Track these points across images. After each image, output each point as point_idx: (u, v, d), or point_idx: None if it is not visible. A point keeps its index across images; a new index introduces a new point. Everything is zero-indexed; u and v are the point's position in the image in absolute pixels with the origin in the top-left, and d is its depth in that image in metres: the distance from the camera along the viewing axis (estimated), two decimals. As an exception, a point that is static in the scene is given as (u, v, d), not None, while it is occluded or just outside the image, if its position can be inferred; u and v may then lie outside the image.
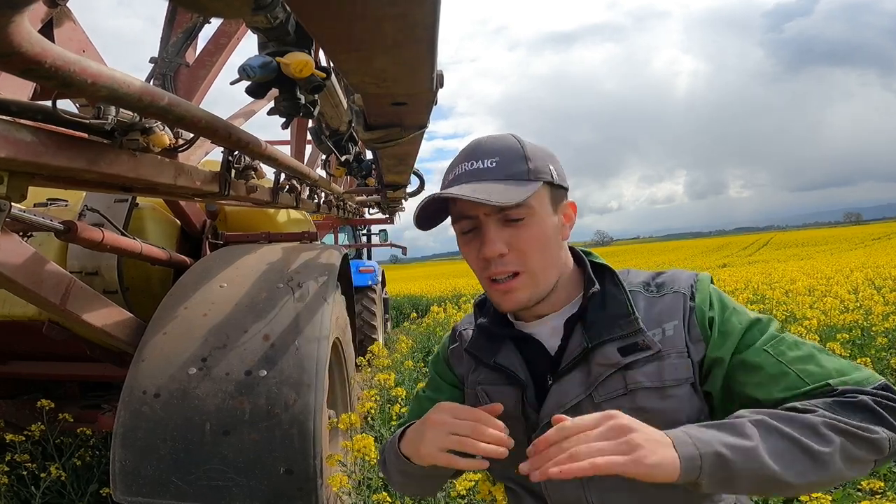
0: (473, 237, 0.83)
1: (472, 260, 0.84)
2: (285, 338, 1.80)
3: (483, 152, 0.82)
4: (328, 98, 1.83)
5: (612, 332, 0.80)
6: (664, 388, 0.77)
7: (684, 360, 0.78)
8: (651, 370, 0.77)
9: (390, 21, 0.68)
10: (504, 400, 0.85)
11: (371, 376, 3.58)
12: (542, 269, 0.81)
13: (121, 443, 1.64)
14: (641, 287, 0.86)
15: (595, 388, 0.79)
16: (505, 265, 0.80)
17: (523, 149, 0.82)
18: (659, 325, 0.80)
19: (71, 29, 1.28)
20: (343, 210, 3.79)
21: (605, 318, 0.81)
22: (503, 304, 0.83)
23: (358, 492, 1.91)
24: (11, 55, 0.58)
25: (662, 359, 0.78)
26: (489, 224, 0.80)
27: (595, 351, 0.80)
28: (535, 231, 0.80)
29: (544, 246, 0.81)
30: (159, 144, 1.17)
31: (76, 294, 1.61)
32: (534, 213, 0.80)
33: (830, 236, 55.76)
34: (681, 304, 0.81)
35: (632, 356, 0.78)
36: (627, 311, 0.81)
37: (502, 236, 0.79)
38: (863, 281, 7.13)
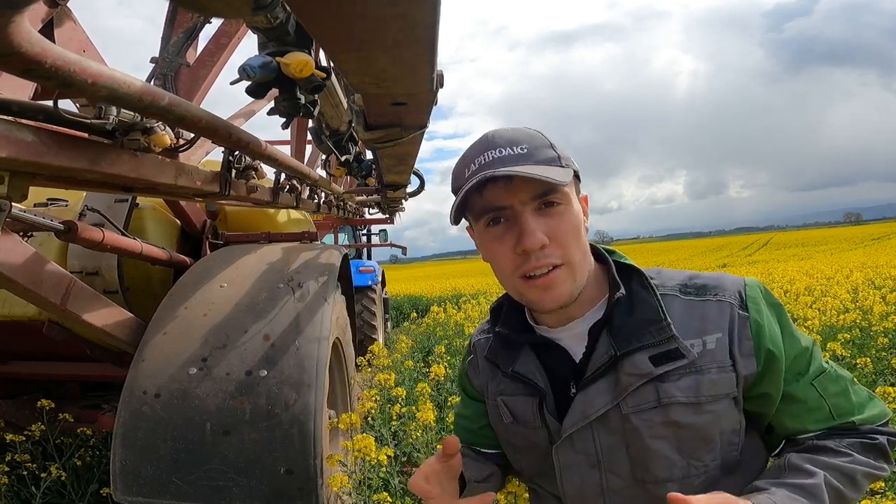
0: (505, 231, 0.76)
1: (505, 256, 0.76)
2: (285, 338, 1.80)
3: (507, 140, 0.75)
4: (328, 98, 1.83)
5: (641, 340, 0.74)
6: (700, 404, 0.71)
7: (727, 374, 0.72)
8: (687, 384, 0.72)
9: (390, 21, 0.68)
10: (524, 410, 0.83)
11: (371, 376, 3.59)
12: (580, 259, 0.76)
13: (121, 443, 1.64)
14: (677, 289, 0.78)
15: (623, 398, 0.74)
16: (547, 257, 0.73)
17: (547, 137, 0.77)
18: (699, 336, 0.73)
19: (71, 29, 1.28)
20: (343, 210, 3.79)
21: (633, 323, 0.75)
22: (544, 301, 0.75)
23: (358, 492, 1.91)
24: (11, 55, 0.58)
25: (701, 372, 0.72)
26: (527, 213, 0.73)
27: (624, 360, 0.74)
28: (572, 219, 0.75)
29: (578, 236, 0.76)
30: (160, 144, 1.17)
31: (76, 294, 1.61)
32: (568, 200, 0.76)
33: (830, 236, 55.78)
34: (727, 314, 0.74)
35: (664, 366, 0.72)
36: (658, 317, 0.74)
37: (541, 226, 0.73)
38: (863, 281, 7.13)
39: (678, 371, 0.72)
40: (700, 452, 0.72)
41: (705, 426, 0.72)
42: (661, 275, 0.82)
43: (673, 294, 0.78)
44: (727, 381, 0.72)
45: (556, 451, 0.79)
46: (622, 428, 0.74)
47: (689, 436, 0.71)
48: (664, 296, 0.77)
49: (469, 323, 5.49)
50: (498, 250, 0.77)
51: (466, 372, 0.99)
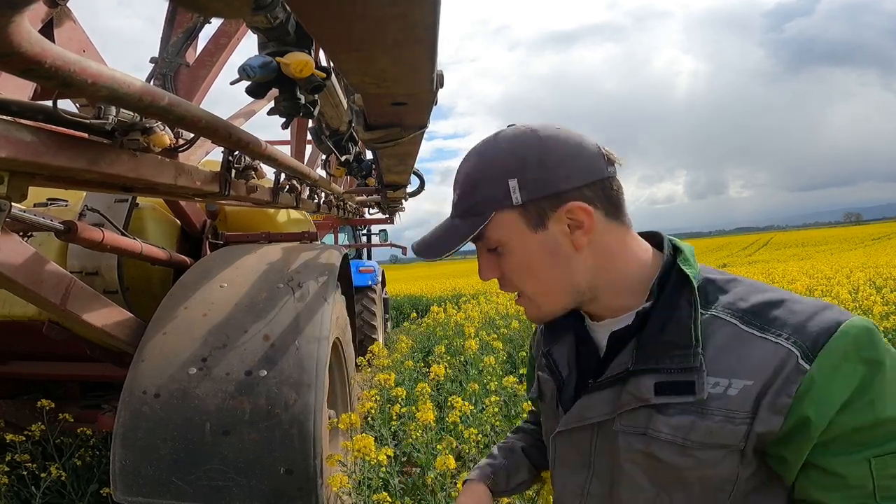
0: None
1: None
2: (285, 338, 1.80)
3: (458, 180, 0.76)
4: (328, 98, 1.83)
5: (660, 361, 0.66)
6: (685, 447, 0.64)
7: (734, 426, 0.62)
8: (679, 423, 0.64)
9: (390, 21, 0.68)
10: (548, 392, 0.84)
11: (371, 376, 3.59)
12: (537, 293, 0.74)
13: (121, 443, 1.64)
14: (738, 316, 0.66)
15: (620, 414, 0.70)
16: (504, 286, 0.77)
17: (478, 174, 0.72)
18: (728, 376, 0.63)
19: (71, 29, 1.28)
20: (343, 210, 3.79)
21: (660, 341, 0.67)
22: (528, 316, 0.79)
23: (358, 492, 1.91)
24: (11, 55, 0.58)
25: (702, 415, 0.63)
26: (480, 252, 0.76)
27: (633, 377, 0.69)
28: (514, 259, 0.73)
29: (531, 270, 0.72)
30: (160, 144, 1.17)
31: (76, 294, 1.61)
32: (504, 242, 0.72)
33: (830, 236, 55.79)
34: (777, 360, 0.61)
35: (664, 397, 0.65)
36: (689, 342, 0.65)
37: (490, 264, 0.75)
38: (864, 281, 7.13)
39: (678, 406, 0.65)
40: (672, 489, 0.67)
41: (684, 469, 0.65)
42: (735, 290, 0.69)
43: (728, 320, 0.66)
44: (730, 434, 0.62)
45: (554, 440, 0.80)
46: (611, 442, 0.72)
47: (665, 471, 0.66)
48: (715, 318, 0.67)
49: (469, 323, 5.49)
50: None
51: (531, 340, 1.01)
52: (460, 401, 2.52)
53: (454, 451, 2.37)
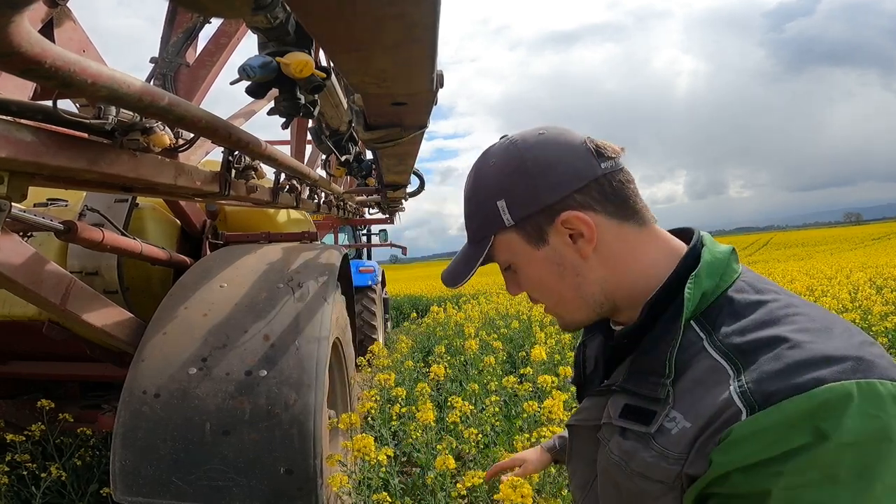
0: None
1: None
2: (285, 338, 1.80)
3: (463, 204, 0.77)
4: (328, 98, 1.83)
5: (636, 385, 0.64)
6: (629, 473, 0.62)
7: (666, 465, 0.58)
8: (628, 448, 0.63)
9: (390, 21, 0.68)
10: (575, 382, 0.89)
11: (371, 376, 3.59)
12: (557, 305, 0.74)
13: (121, 443, 1.64)
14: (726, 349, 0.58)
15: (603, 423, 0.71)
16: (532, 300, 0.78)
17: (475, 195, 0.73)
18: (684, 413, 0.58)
19: (71, 29, 1.28)
20: (343, 210, 3.79)
21: (644, 363, 0.65)
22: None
23: (358, 492, 1.91)
24: (11, 55, 0.58)
25: (645, 447, 0.61)
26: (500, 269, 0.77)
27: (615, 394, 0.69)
28: (525, 276, 0.73)
29: (544, 286, 0.72)
30: (160, 144, 1.18)
31: (76, 294, 1.61)
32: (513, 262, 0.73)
33: (830, 236, 55.75)
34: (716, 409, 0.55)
35: (625, 422, 0.64)
36: (662, 371, 0.61)
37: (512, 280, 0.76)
38: (864, 281, 7.13)
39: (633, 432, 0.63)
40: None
41: (634, 494, 0.63)
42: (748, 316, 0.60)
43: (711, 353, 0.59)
44: (662, 471, 0.58)
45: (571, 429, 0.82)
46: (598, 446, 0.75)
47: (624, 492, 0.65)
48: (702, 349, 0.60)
49: (469, 323, 5.49)
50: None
51: None
52: (460, 401, 2.52)
53: (454, 451, 2.37)
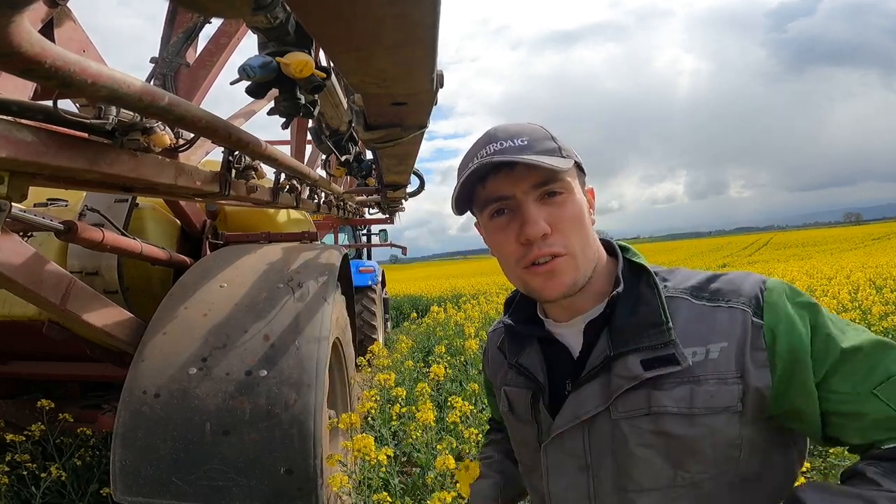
0: (509, 221, 0.76)
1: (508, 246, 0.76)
2: (285, 338, 1.80)
3: (508, 134, 0.76)
4: (328, 98, 1.83)
5: (638, 342, 0.71)
6: (693, 416, 0.67)
7: (728, 386, 0.67)
8: (681, 394, 0.68)
9: (390, 21, 0.68)
10: (520, 403, 0.84)
11: (371, 376, 3.59)
12: (581, 250, 0.75)
13: (121, 443, 1.64)
14: (688, 292, 0.74)
15: (613, 401, 0.72)
16: (549, 246, 0.73)
17: (548, 131, 0.77)
18: (703, 343, 0.69)
19: (71, 29, 1.28)
20: (343, 210, 3.79)
21: (633, 324, 0.73)
22: (547, 290, 0.75)
23: (358, 492, 1.91)
24: (11, 55, 0.58)
25: (698, 382, 0.68)
26: (529, 202, 0.74)
27: (617, 361, 0.72)
28: (573, 208, 0.75)
29: (581, 225, 0.75)
30: (160, 144, 1.18)
31: (76, 294, 1.61)
32: (570, 189, 0.75)
33: (830, 236, 55.83)
34: (738, 322, 0.69)
35: (655, 370, 0.69)
36: (659, 319, 0.71)
37: (543, 214, 0.73)
38: (863, 281, 7.13)
39: (673, 379, 0.69)
40: (689, 464, 0.69)
41: (697, 439, 0.68)
42: (675, 275, 0.78)
43: (682, 297, 0.74)
44: (728, 394, 0.67)
45: (545, 449, 0.79)
46: (611, 433, 0.72)
47: (678, 446, 0.68)
48: (672, 298, 0.74)
49: (469, 323, 5.49)
50: (502, 241, 0.77)
51: (484, 364, 1.04)
52: (460, 401, 2.52)
53: (454, 451, 2.37)
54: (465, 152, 0.83)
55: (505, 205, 0.76)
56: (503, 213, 0.77)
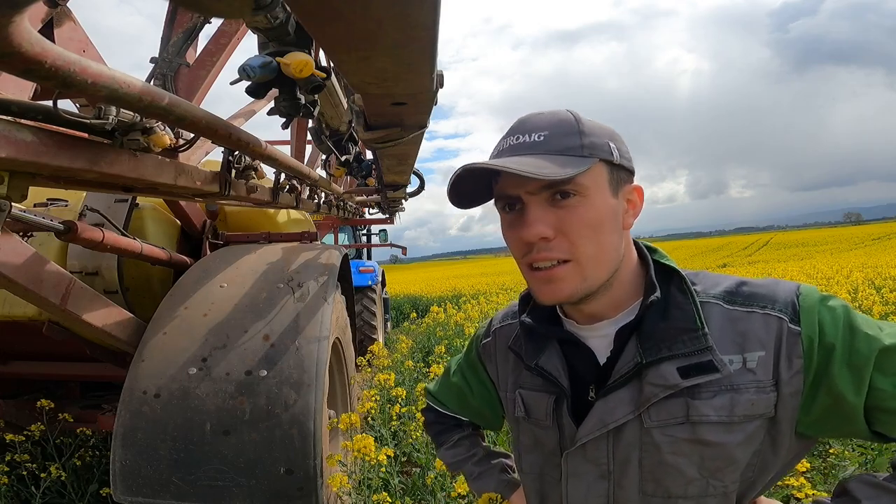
0: (517, 218, 0.72)
1: (514, 242, 0.73)
2: (285, 338, 1.80)
3: (531, 126, 0.71)
4: (328, 98, 1.84)
5: (672, 348, 0.68)
6: (732, 424, 0.67)
7: (766, 395, 0.66)
8: (721, 403, 0.67)
9: (390, 21, 0.68)
10: (539, 407, 0.80)
11: (371, 376, 3.59)
12: (592, 258, 0.70)
13: (121, 443, 1.64)
14: (721, 297, 0.72)
15: (646, 409, 0.69)
16: (549, 251, 0.69)
17: (578, 123, 0.71)
18: (739, 351, 0.68)
19: (71, 29, 1.28)
20: (343, 210, 3.79)
21: (665, 330, 0.70)
22: (542, 295, 0.72)
23: (358, 492, 1.91)
24: (11, 55, 0.58)
25: (738, 391, 0.67)
26: (532, 203, 0.70)
27: (650, 368, 0.69)
28: (586, 213, 0.69)
29: (596, 231, 0.69)
30: (160, 144, 1.18)
31: (76, 294, 1.61)
32: (587, 192, 0.69)
33: (830, 236, 55.85)
34: (774, 329, 0.67)
35: (693, 379, 0.67)
36: (694, 325, 0.69)
37: (548, 218, 0.69)
38: (863, 281, 7.13)
39: (711, 387, 0.67)
40: (723, 472, 0.68)
41: (735, 447, 0.67)
42: (704, 279, 0.75)
43: (715, 302, 0.71)
44: (765, 402, 0.66)
45: (567, 457, 0.76)
46: (640, 441, 0.70)
47: (714, 455, 0.67)
48: (704, 303, 0.71)
49: (469, 323, 5.49)
50: (509, 236, 0.74)
51: (479, 353, 0.98)
52: (460, 401, 2.51)
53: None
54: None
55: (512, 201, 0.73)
56: (514, 207, 0.73)
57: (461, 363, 1.04)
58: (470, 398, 1.01)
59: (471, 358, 1.00)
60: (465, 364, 1.02)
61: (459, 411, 1.06)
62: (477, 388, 0.99)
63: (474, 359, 0.99)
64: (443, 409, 1.08)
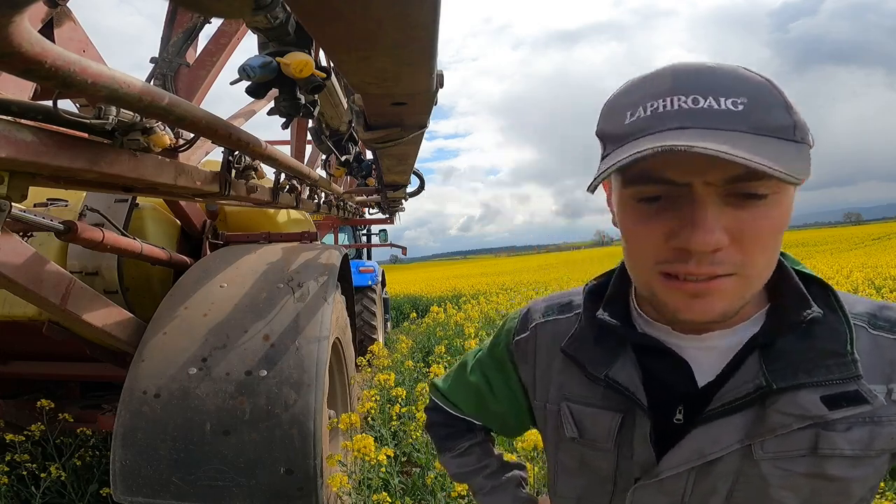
0: (662, 211, 0.54)
1: (648, 242, 0.55)
2: (285, 338, 1.80)
3: (712, 85, 0.51)
4: (328, 98, 1.84)
5: (813, 374, 0.57)
6: (863, 458, 0.57)
7: None
8: (859, 436, 0.57)
9: (390, 21, 0.68)
10: (599, 427, 0.66)
11: (371, 376, 3.59)
12: (759, 273, 0.55)
13: (121, 443, 1.64)
14: (865, 320, 0.60)
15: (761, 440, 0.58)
16: (715, 264, 0.52)
17: (780, 92, 0.52)
18: (886, 381, 0.57)
19: (71, 29, 1.28)
20: (343, 210, 3.79)
21: (806, 352, 0.58)
22: (686, 312, 0.55)
23: (358, 492, 1.91)
24: (11, 55, 0.58)
25: (879, 423, 0.57)
26: (708, 200, 0.51)
27: (781, 395, 0.57)
28: (776, 221, 0.53)
29: (777, 241, 0.55)
30: (160, 144, 1.18)
31: (76, 294, 1.61)
32: (784, 193, 0.53)
33: (830, 236, 55.85)
34: None
35: (841, 410, 0.56)
36: (844, 349, 0.57)
37: (726, 222, 0.52)
38: (863, 281, 7.13)
39: (849, 418, 0.57)
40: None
41: (855, 482, 0.58)
42: (845, 299, 0.62)
43: (860, 325, 0.60)
44: None
45: (636, 490, 0.63)
46: (737, 473, 0.59)
47: (830, 490, 0.58)
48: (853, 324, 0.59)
49: (469, 323, 5.49)
50: (641, 233, 0.56)
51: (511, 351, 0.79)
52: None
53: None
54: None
55: (666, 191, 0.53)
56: (657, 199, 0.54)
57: (482, 359, 0.87)
58: (490, 401, 0.85)
59: (497, 355, 0.82)
60: (489, 361, 0.85)
61: (474, 415, 0.90)
62: (501, 390, 0.83)
63: (502, 356, 0.81)
64: (454, 410, 0.91)
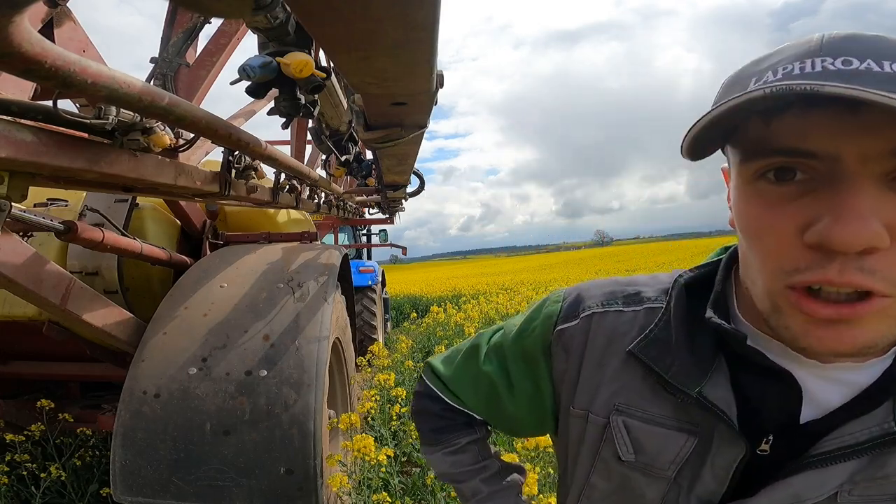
0: (799, 194, 0.42)
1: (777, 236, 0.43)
2: (285, 338, 1.80)
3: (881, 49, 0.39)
4: (328, 98, 1.84)
5: None
6: None
7: None
8: None
9: (390, 21, 0.68)
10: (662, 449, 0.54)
11: (371, 376, 3.59)
12: None
13: (121, 443, 1.64)
14: None
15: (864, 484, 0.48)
16: (864, 273, 0.39)
17: None
18: None
19: (71, 29, 1.28)
20: (343, 210, 3.79)
21: None
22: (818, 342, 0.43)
23: (358, 492, 1.91)
24: (11, 55, 0.58)
25: None
26: (864, 180, 0.39)
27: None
28: None
29: None
30: (160, 144, 1.18)
31: (76, 294, 1.61)
32: None
33: None
34: None
35: None
36: None
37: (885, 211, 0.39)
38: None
39: None
40: None
41: None
42: None
43: None
44: None
45: None
46: None
47: None
48: None
49: (469, 323, 5.49)
50: (765, 223, 0.44)
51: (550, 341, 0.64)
52: (460, 401, 2.51)
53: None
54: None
55: (804, 164, 0.42)
56: (791, 176, 0.42)
57: (504, 346, 0.70)
58: (505, 400, 0.69)
59: (527, 344, 0.67)
60: (514, 350, 0.69)
61: (476, 409, 0.75)
62: (523, 388, 0.67)
63: (534, 347, 0.66)
64: (454, 401, 0.76)
